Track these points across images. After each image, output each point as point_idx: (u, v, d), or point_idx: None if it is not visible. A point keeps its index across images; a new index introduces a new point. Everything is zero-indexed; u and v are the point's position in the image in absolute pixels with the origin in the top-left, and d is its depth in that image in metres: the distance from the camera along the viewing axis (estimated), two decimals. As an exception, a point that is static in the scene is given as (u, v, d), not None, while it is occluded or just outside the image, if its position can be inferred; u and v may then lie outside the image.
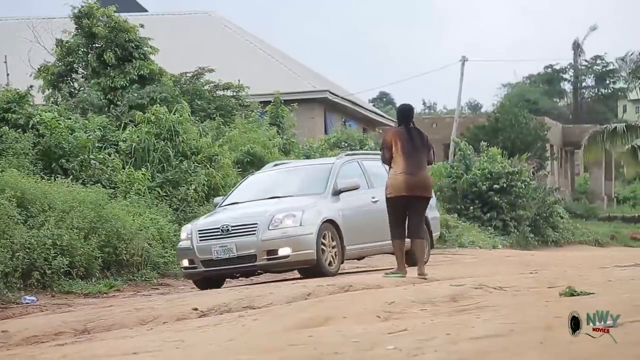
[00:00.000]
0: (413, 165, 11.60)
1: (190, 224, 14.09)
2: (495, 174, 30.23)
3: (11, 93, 18.22)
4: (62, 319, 9.70)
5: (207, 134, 21.43)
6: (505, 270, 13.19)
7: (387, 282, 11.27)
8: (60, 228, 13.87)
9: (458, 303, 8.18)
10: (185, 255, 13.61)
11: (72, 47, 23.21)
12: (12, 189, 14.08)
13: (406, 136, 11.68)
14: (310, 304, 8.96)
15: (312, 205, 13.63)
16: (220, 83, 26.23)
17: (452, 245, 25.68)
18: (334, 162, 14.71)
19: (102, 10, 23.17)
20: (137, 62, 22.75)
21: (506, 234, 30.03)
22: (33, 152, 16.93)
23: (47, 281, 13.28)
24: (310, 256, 13.24)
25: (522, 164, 32.24)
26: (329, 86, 35.92)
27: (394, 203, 11.73)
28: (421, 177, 11.70)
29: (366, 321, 7.23)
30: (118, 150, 19.35)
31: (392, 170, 11.64)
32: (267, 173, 15.17)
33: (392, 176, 11.65)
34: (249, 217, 13.45)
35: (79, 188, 15.99)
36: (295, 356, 5.56)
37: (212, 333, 7.48)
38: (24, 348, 8.19)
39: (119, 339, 7.90)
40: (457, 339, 5.59)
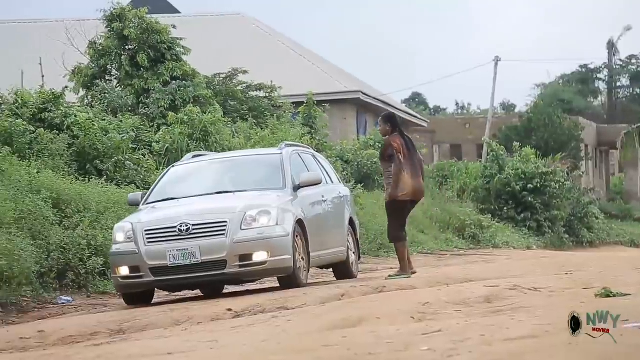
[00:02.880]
0: (415, 170, 11.99)
1: (126, 222, 11.43)
2: (529, 174, 30.08)
3: (47, 94, 18.37)
4: (98, 319, 9.76)
5: (240, 134, 21.48)
6: (539, 271, 13.13)
7: (421, 283, 11.24)
8: (94, 229, 13.95)
9: (492, 304, 8.15)
10: (125, 262, 11.10)
11: (105, 49, 23.34)
12: (48, 190, 14.18)
13: (404, 142, 12.02)
14: (343, 305, 8.96)
15: (280, 202, 11.46)
16: (253, 84, 26.29)
17: (485, 246, 25.59)
18: (282, 153, 12.40)
19: (134, 12, 23.28)
20: (170, 63, 22.84)
21: (540, 235, 29.86)
22: (68, 153, 17.05)
23: (82, 281, 13.36)
24: (287, 263, 11.09)
25: (556, 164, 32.06)
26: (361, 87, 35.88)
27: (403, 206, 11.99)
28: (421, 182, 12.19)
29: (400, 322, 7.21)
30: (152, 151, 19.45)
31: (402, 175, 11.80)
32: (193, 165, 12.68)
33: (404, 180, 11.82)
34: (213, 214, 11.14)
35: (113, 189, 16.09)
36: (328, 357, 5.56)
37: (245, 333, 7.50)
38: (59, 348, 8.25)
39: (154, 340, 7.94)
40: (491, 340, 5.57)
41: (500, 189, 30.18)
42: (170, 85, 22.37)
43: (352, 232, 13.25)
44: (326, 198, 12.64)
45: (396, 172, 11.82)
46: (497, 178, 30.22)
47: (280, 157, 12.30)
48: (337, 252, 12.61)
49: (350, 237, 13.15)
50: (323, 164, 13.60)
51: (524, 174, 30.07)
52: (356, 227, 13.52)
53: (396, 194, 11.81)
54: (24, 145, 16.53)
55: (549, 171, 30.52)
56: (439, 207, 26.72)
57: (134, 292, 11.39)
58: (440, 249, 23.36)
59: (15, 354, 8.16)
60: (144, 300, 11.44)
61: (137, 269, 11.06)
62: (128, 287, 11.29)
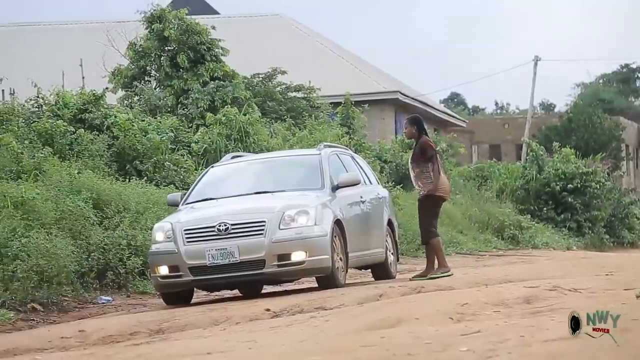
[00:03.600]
0: (444, 170, 12.61)
1: (166, 222, 11.48)
2: (569, 174, 29.88)
3: (87, 95, 18.52)
4: (137, 319, 9.82)
5: (277, 134, 21.53)
6: (579, 271, 13.03)
7: (460, 283, 11.20)
8: (134, 229, 14.03)
9: (532, 305, 8.10)
10: (164, 261, 11.12)
11: (144, 50, 23.48)
12: (88, 190, 14.29)
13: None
14: (382, 305, 8.95)
15: (319, 202, 11.41)
16: (292, 85, 26.34)
17: (525, 247, 25.46)
18: (320, 154, 12.39)
19: (174, 13, 23.41)
20: (209, 64, 22.94)
21: (580, 235, 29.65)
22: (108, 153, 17.17)
23: (122, 281, 13.44)
24: (325, 263, 11.07)
25: (596, 165, 31.81)
26: (400, 87, 35.82)
27: (438, 201, 12.25)
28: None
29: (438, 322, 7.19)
30: (190, 151, 19.55)
31: (439, 174, 12.03)
32: (232, 166, 12.71)
33: (440, 178, 12.07)
34: (252, 214, 11.16)
35: (153, 189, 16.18)
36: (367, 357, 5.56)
37: (284, 334, 7.51)
38: (100, 347, 8.30)
39: (193, 339, 7.97)
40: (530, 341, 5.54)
41: (540, 189, 30.00)
42: (209, 85, 22.46)
43: (391, 233, 13.25)
44: (364, 199, 12.61)
45: (436, 170, 12.03)
46: (536, 178, 30.05)
47: (319, 158, 12.29)
48: (375, 253, 12.59)
49: (389, 237, 13.15)
50: (361, 165, 13.60)
51: (563, 174, 29.87)
52: (395, 228, 13.51)
53: (434, 190, 11.97)
54: (64, 145, 16.68)
55: (589, 171, 30.30)
56: (478, 208, 26.62)
57: (173, 291, 11.41)
58: (479, 250, 23.27)
59: (56, 353, 8.24)
60: (183, 300, 11.46)
61: (176, 269, 11.07)
62: (167, 286, 11.31)
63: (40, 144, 16.19)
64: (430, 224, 12.11)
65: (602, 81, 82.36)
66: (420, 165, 12.11)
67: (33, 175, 14.50)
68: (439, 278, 11.72)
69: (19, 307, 11.40)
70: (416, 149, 12.24)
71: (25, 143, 15.91)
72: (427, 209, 12.10)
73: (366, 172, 13.57)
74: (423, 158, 12.10)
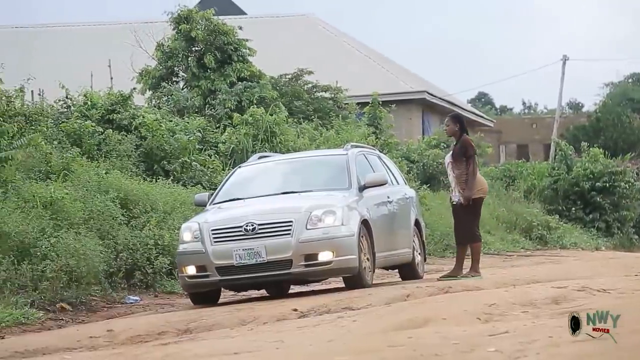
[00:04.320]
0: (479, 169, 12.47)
1: (193, 222, 11.54)
2: (597, 173, 29.71)
3: (115, 95, 18.61)
4: (165, 319, 9.85)
5: (304, 134, 21.54)
6: (608, 272, 12.96)
7: (487, 284, 11.17)
8: (161, 229, 14.08)
9: (560, 305, 8.06)
10: (192, 261, 11.18)
11: (172, 51, 23.56)
12: (116, 190, 14.36)
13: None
14: (409, 305, 8.93)
15: (346, 202, 11.43)
16: (319, 85, 26.34)
17: (553, 247, 25.35)
18: (347, 154, 12.42)
19: (201, 14, 23.48)
20: (237, 64, 22.99)
21: (609, 235, 29.47)
22: (136, 154, 17.25)
23: (150, 281, 13.49)
24: (352, 263, 11.08)
25: (625, 164, 31.60)
26: (427, 87, 35.75)
27: (480, 203, 12.28)
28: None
29: (466, 323, 7.17)
30: (217, 151, 19.60)
31: (474, 175, 12.03)
32: (259, 166, 12.76)
33: (477, 179, 12.07)
34: (279, 214, 11.17)
35: (180, 189, 16.23)
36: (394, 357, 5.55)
37: (311, 334, 7.52)
38: (128, 347, 8.34)
39: (220, 339, 7.99)
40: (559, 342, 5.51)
41: (568, 189, 29.84)
42: (237, 86, 22.51)
43: (418, 233, 13.24)
44: (392, 199, 12.61)
45: (474, 171, 12.03)
46: (565, 178, 29.90)
47: (346, 158, 12.30)
48: (402, 253, 12.59)
49: (416, 238, 13.14)
50: (388, 165, 13.60)
51: (592, 174, 29.71)
52: (422, 228, 13.51)
53: (473, 194, 11.97)
54: (92, 146, 16.77)
55: (618, 171, 30.11)
56: (506, 208, 26.52)
57: (200, 291, 11.45)
58: (507, 250, 23.19)
59: (84, 352, 8.28)
60: (211, 300, 11.50)
61: (203, 269, 11.10)
62: (195, 286, 11.35)
63: (69, 144, 16.29)
64: (475, 226, 12.18)
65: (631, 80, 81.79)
66: (460, 166, 12.07)
67: (62, 176, 14.59)
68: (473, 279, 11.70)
69: (48, 306, 11.48)
70: (457, 148, 12.22)
71: (54, 143, 16.01)
72: (469, 213, 12.07)
73: (393, 172, 13.56)
74: (464, 157, 12.07)
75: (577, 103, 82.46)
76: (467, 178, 11.94)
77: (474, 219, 12.16)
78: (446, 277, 12.01)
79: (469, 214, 12.05)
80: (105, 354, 7.62)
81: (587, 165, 30.07)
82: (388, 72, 35.09)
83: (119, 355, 7.43)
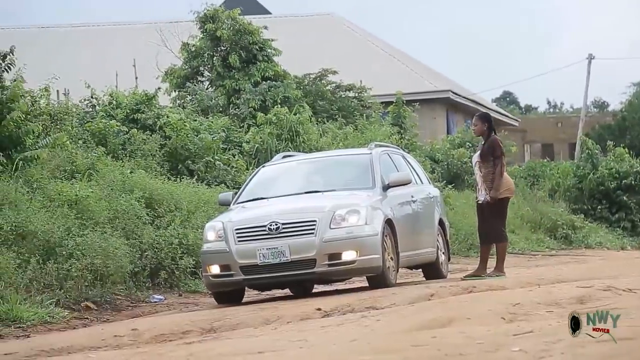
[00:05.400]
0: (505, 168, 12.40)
1: (217, 221, 11.53)
2: (623, 173, 29.54)
3: (140, 95, 18.69)
4: (189, 318, 9.88)
5: (327, 134, 21.54)
6: (634, 271, 12.88)
7: (512, 283, 11.13)
8: (185, 228, 14.13)
9: (585, 305, 8.02)
10: (216, 260, 11.18)
11: (197, 51, 23.62)
12: (141, 190, 14.42)
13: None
14: (433, 305, 8.92)
15: (369, 201, 11.42)
16: (343, 84, 26.34)
17: (578, 246, 25.23)
18: (371, 153, 12.37)
19: (226, 13, 23.53)
20: (261, 64, 23.04)
21: (635, 235, 29.28)
22: (160, 153, 17.31)
23: (174, 280, 13.53)
24: (376, 262, 11.07)
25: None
26: (451, 86, 35.66)
27: (507, 203, 12.24)
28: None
29: (490, 322, 7.15)
30: (242, 151, 19.64)
31: (501, 175, 11.98)
32: (283, 165, 12.74)
33: (503, 178, 12.04)
34: (303, 213, 11.16)
35: (204, 188, 16.28)
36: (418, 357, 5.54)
37: (335, 333, 7.51)
38: (152, 346, 8.37)
39: (244, 338, 8.00)
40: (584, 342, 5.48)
41: (594, 188, 29.68)
42: (261, 85, 22.55)
43: (442, 233, 13.21)
44: (416, 198, 12.59)
45: (501, 171, 12.00)
46: (590, 177, 29.75)
47: (370, 157, 12.28)
48: (426, 253, 12.57)
49: (440, 237, 13.11)
50: (412, 165, 13.57)
51: (617, 173, 29.54)
52: (446, 227, 13.48)
53: (500, 194, 11.96)
54: (117, 145, 16.85)
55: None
56: (530, 207, 26.42)
57: (224, 290, 11.47)
58: (532, 250, 23.10)
59: (109, 351, 8.31)
60: (235, 299, 11.51)
61: (227, 268, 11.12)
62: (219, 285, 11.37)
63: (94, 144, 16.38)
64: (502, 225, 12.18)
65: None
66: (487, 166, 12.05)
67: (87, 175, 14.66)
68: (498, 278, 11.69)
69: (73, 305, 11.54)
70: (485, 147, 12.18)
71: (79, 143, 16.10)
72: (496, 212, 12.05)
73: (417, 171, 13.54)
74: (492, 157, 12.05)
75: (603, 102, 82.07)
76: (493, 177, 11.91)
77: (501, 218, 12.13)
78: (470, 277, 11.98)
79: (495, 214, 12.01)
80: (130, 353, 7.64)
81: (613, 164, 29.90)
82: (412, 71, 35.03)
83: (143, 354, 7.45)
